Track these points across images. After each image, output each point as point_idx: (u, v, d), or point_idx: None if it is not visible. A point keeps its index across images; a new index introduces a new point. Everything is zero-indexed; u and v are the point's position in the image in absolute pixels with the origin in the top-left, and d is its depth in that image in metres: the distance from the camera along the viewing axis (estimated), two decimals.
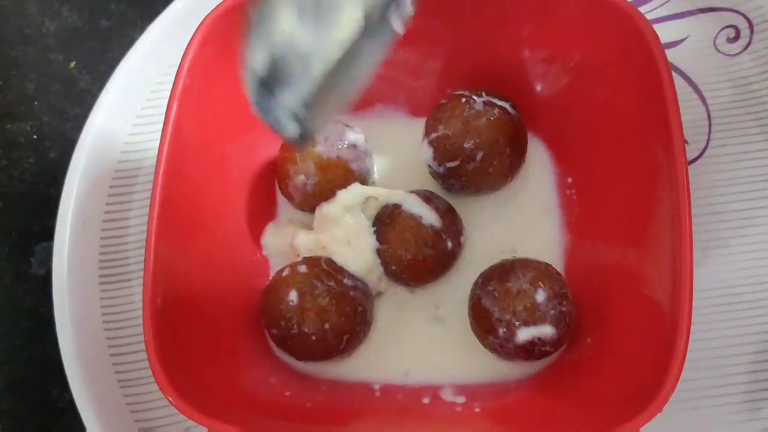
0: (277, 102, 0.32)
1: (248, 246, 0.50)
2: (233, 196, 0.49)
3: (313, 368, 0.47)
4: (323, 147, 0.48)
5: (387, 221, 0.47)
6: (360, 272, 0.47)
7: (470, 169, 0.48)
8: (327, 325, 0.44)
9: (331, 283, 0.45)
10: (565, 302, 0.45)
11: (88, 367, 0.48)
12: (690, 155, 0.51)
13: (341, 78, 0.33)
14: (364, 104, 0.52)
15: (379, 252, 0.47)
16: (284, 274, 0.46)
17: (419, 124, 0.50)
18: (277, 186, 0.51)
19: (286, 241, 0.50)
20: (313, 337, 0.44)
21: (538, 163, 0.51)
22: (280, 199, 0.51)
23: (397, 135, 0.52)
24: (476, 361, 0.47)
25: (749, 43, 0.53)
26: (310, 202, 0.49)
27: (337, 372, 0.47)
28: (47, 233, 0.51)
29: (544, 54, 0.49)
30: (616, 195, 0.47)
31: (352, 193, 0.48)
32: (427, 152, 0.48)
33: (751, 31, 0.53)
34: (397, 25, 0.34)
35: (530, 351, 0.44)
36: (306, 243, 0.48)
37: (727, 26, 0.53)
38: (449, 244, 0.47)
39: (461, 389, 0.47)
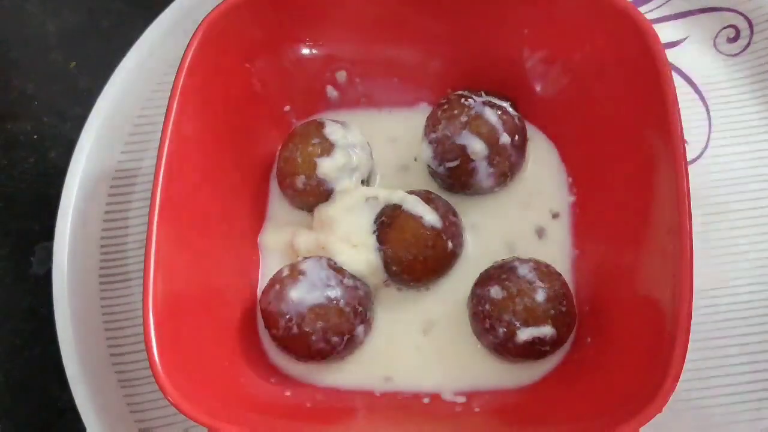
0: None
1: (248, 246, 0.50)
2: (233, 196, 0.49)
3: (312, 370, 0.47)
4: (323, 147, 0.48)
5: (387, 221, 0.47)
6: (360, 272, 0.47)
7: (470, 169, 0.48)
8: (327, 325, 0.44)
9: (332, 283, 0.45)
10: (565, 302, 0.45)
11: (88, 367, 0.48)
12: (690, 155, 0.50)
13: None
14: (364, 104, 0.53)
15: (379, 252, 0.47)
16: (284, 274, 0.46)
17: (419, 124, 0.50)
18: (277, 186, 0.51)
19: (286, 241, 0.50)
20: (313, 337, 0.44)
21: (538, 164, 0.51)
22: (280, 199, 0.51)
23: (397, 135, 0.52)
24: (476, 361, 0.47)
25: (749, 43, 0.53)
26: (310, 201, 0.49)
27: (336, 373, 0.47)
28: (47, 233, 0.51)
29: (544, 54, 0.49)
30: (616, 195, 0.47)
31: (352, 193, 0.48)
32: (427, 152, 0.48)
33: (751, 31, 0.53)
34: None
35: (530, 351, 0.44)
36: (306, 243, 0.48)
37: (727, 26, 0.53)
38: (449, 244, 0.47)
39: (461, 389, 0.47)
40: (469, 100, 0.48)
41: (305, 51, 0.51)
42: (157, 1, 0.54)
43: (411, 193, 0.48)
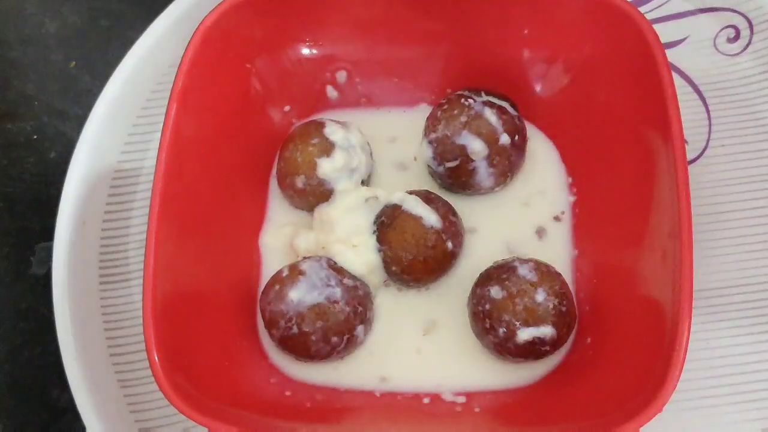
0: None
1: (248, 246, 0.50)
2: (233, 197, 0.49)
3: (312, 370, 0.47)
4: (323, 147, 0.48)
5: (387, 222, 0.47)
6: (360, 272, 0.47)
7: (470, 169, 0.48)
8: (327, 325, 0.44)
9: (332, 283, 0.45)
10: (565, 302, 0.45)
11: (88, 367, 0.48)
12: (690, 155, 0.51)
13: None
14: (364, 104, 0.52)
15: (379, 252, 0.47)
16: (284, 274, 0.46)
17: (419, 124, 0.50)
18: (276, 186, 0.51)
19: (286, 241, 0.50)
20: (313, 337, 0.44)
21: (538, 164, 0.51)
22: (280, 199, 0.51)
23: (397, 135, 0.52)
24: (476, 361, 0.47)
25: (749, 43, 0.53)
26: (310, 202, 0.49)
27: (336, 373, 0.47)
28: (47, 233, 0.51)
29: (544, 54, 0.49)
30: (616, 195, 0.47)
31: (352, 193, 0.48)
32: (427, 152, 0.48)
33: (751, 31, 0.53)
34: None
35: (530, 351, 0.44)
36: (306, 243, 0.48)
37: (727, 26, 0.53)
38: (449, 244, 0.47)
39: (461, 389, 0.47)
40: (469, 100, 0.48)
41: (305, 51, 0.51)
42: (157, 1, 0.54)
43: (411, 193, 0.48)
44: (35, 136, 0.58)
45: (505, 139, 0.47)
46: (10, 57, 0.60)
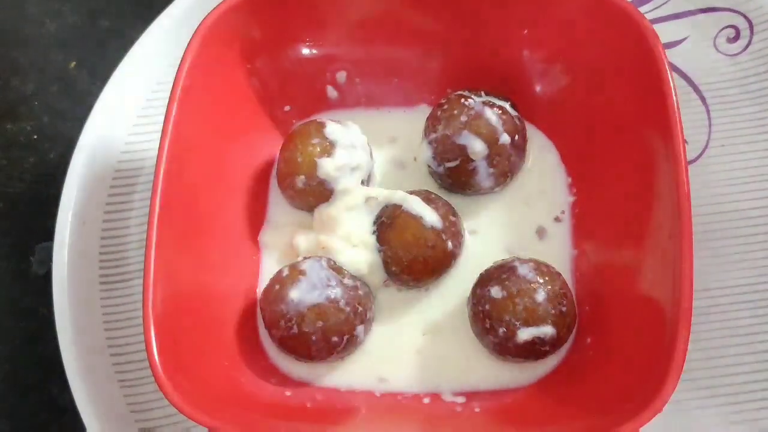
0: None
1: (247, 246, 0.50)
2: (233, 196, 0.49)
3: (312, 370, 0.47)
4: (324, 147, 0.48)
5: (387, 222, 0.47)
6: (360, 272, 0.47)
7: (470, 169, 0.48)
8: (327, 325, 0.44)
9: (332, 283, 0.45)
10: (565, 302, 0.45)
11: (88, 367, 0.48)
12: (690, 155, 0.51)
13: None
14: (364, 104, 0.53)
15: (379, 252, 0.47)
16: (284, 274, 0.46)
17: (419, 124, 0.50)
18: (276, 186, 0.51)
19: (286, 241, 0.50)
20: (313, 337, 0.44)
21: (538, 164, 0.51)
22: (280, 198, 0.51)
23: (397, 135, 0.52)
24: (476, 361, 0.47)
25: (749, 43, 0.53)
26: (310, 202, 0.49)
27: (336, 373, 0.47)
28: (47, 233, 0.51)
29: (544, 54, 0.49)
30: (616, 195, 0.47)
31: (352, 193, 0.48)
32: (427, 152, 0.48)
33: (751, 31, 0.53)
34: None
35: (530, 351, 0.44)
36: (306, 243, 0.48)
37: (727, 26, 0.53)
38: (449, 244, 0.47)
39: (461, 389, 0.47)
40: (469, 100, 0.48)
41: (305, 51, 0.51)
42: (157, 1, 0.54)
43: (411, 193, 0.48)
44: (35, 136, 0.58)
45: (505, 139, 0.47)
46: (10, 57, 0.60)
